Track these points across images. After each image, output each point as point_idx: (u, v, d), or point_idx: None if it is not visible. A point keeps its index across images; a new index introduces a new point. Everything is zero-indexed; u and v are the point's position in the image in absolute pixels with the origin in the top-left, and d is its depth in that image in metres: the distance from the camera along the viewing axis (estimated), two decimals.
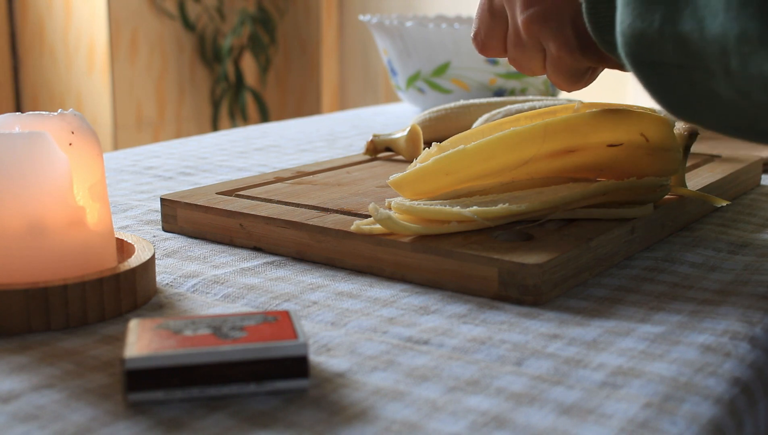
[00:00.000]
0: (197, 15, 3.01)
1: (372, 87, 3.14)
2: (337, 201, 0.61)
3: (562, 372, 0.39)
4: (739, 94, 0.39)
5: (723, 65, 0.38)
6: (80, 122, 0.47)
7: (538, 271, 0.47)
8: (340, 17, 3.19)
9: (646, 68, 0.43)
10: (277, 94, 3.32)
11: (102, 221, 0.47)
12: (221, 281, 0.51)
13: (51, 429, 0.34)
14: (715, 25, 0.37)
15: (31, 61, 2.99)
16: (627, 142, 0.56)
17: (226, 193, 0.63)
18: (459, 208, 0.51)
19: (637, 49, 0.42)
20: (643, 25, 0.41)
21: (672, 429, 0.34)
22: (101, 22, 2.77)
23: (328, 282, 0.51)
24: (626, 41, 0.42)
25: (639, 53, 0.42)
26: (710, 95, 0.41)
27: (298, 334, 0.38)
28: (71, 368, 0.40)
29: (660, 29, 0.40)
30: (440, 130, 0.88)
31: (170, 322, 0.39)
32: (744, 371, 0.40)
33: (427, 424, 0.35)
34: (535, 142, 0.54)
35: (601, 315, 0.46)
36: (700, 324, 0.45)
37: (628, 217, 0.55)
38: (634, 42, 0.42)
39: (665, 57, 0.41)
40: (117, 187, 0.77)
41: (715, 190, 0.67)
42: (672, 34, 0.40)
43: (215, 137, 1.07)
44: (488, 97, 1.19)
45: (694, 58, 0.40)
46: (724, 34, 0.37)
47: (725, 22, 0.36)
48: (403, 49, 1.22)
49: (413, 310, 0.47)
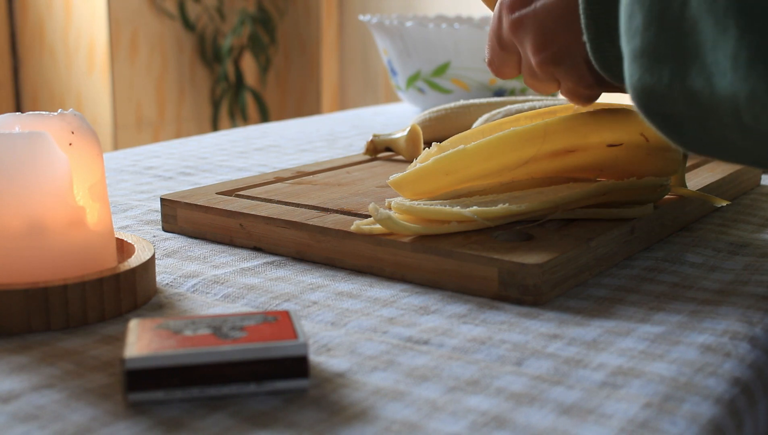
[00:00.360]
0: (197, 15, 3.01)
1: (372, 87, 3.14)
2: (337, 201, 0.61)
3: (562, 372, 0.39)
4: (755, 144, 0.39)
5: (736, 120, 0.37)
6: (80, 122, 0.47)
7: (538, 271, 0.47)
8: (340, 17, 3.19)
9: (658, 118, 0.42)
10: (277, 94, 3.32)
11: (102, 221, 0.47)
12: (221, 281, 0.51)
13: (51, 429, 0.34)
14: (724, 84, 0.37)
15: (31, 61, 2.99)
16: (627, 142, 0.56)
17: (226, 193, 0.63)
18: (459, 208, 0.51)
19: (648, 103, 0.41)
20: (652, 80, 0.40)
21: (672, 429, 0.34)
22: (101, 22, 2.77)
23: (328, 282, 0.51)
24: (636, 94, 0.42)
25: (650, 106, 0.42)
26: (725, 141, 0.40)
27: (298, 334, 0.38)
28: (71, 368, 0.40)
29: (669, 85, 0.39)
30: (440, 130, 0.88)
31: (170, 322, 0.39)
32: (744, 371, 0.40)
33: (427, 424, 0.35)
34: (535, 142, 0.54)
35: (601, 315, 0.46)
36: (700, 324, 0.45)
37: (628, 217, 0.55)
38: (645, 96, 0.41)
39: (677, 110, 0.40)
40: (117, 187, 0.77)
41: (715, 190, 0.67)
42: (682, 90, 0.39)
43: (215, 137, 1.07)
44: (488, 97, 1.19)
45: (706, 112, 0.39)
46: (734, 93, 0.36)
47: (734, 81, 0.36)
48: (403, 49, 1.22)
49: (413, 310, 0.47)
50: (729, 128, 0.39)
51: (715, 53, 0.36)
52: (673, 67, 0.39)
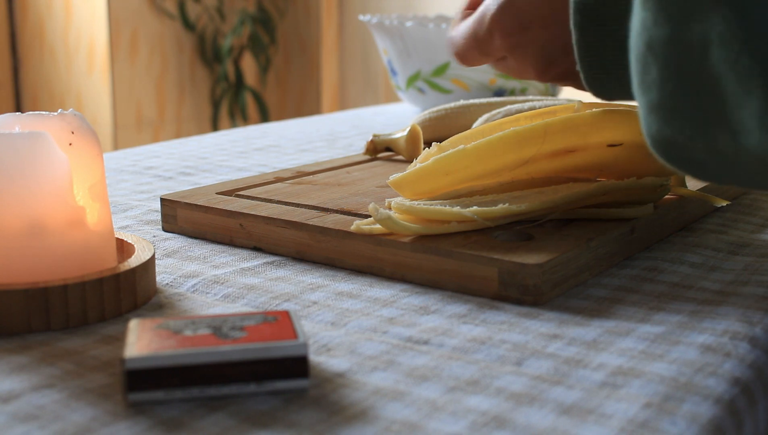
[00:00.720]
0: (197, 15, 3.01)
1: (372, 87, 3.14)
2: (337, 201, 0.61)
3: (562, 372, 0.39)
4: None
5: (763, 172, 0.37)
6: (80, 122, 0.47)
7: (538, 271, 0.47)
8: (340, 17, 3.19)
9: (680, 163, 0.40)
10: (277, 94, 3.32)
11: (102, 221, 0.47)
12: (221, 281, 0.51)
13: (51, 429, 0.34)
14: (752, 142, 0.35)
15: (31, 61, 2.99)
16: (627, 142, 0.56)
17: (226, 193, 0.63)
18: (459, 208, 0.51)
19: (669, 151, 0.40)
20: (672, 133, 0.38)
21: (672, 429, 0.34)
22: (101, 22, 2.77)
23: (328, 282, 0.51)
24: (656, 144, 0.40)
25: (671, 154, 0.40)
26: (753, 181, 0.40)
27: (298, 334, 0.38)
28: (71, 368, 0.40)
29: (691, 138, 0.38)
30: (440, 130, 0.88)
31: (170, 322, 0.39)
32: (744, 371, 0.40)
33: (427, 424, 0.35)
34: (535, 142, 0.54)
35: (601, 315, 0.46)
36: (700, 324, 0.45)
37: (628, 217, 0.55)
38: (665, 146, 0.40)
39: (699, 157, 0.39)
40: (117, 187, 0.77)
41: (715, 190, 0.67)
42: (705, 144, 0.37)
43: (215, 137, 1.07)
44: (488, 97, 1.19)
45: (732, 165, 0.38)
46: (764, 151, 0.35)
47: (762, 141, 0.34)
48: (403, 49, 1.22)
49: (413, 310, 0.47)
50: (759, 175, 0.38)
51: (740, 112, 0.35)
52: (694, 122, 0.37)
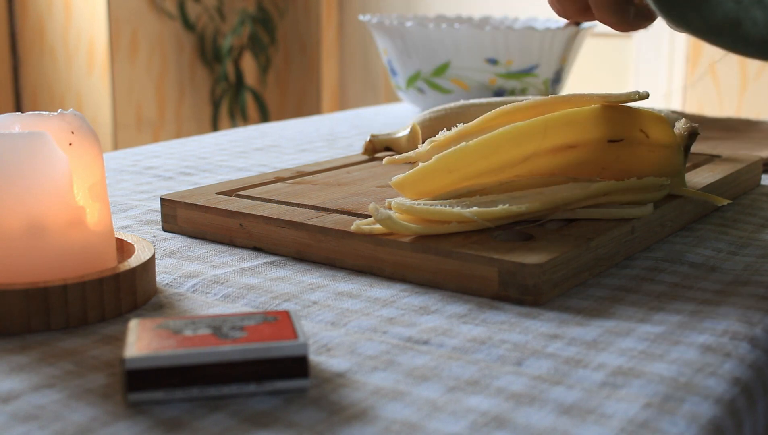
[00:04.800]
0: (197, 15, 3.01)
1: (372, 87, 3.14)
2: (337, 201, 0.61)
3: (562, 372, 0.39)
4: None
5: None
6: (80, 122, 0.47)
7: (538, 271, 0.47)
8: (340, 17, 3.19)
9: None
10: (277, 94, 3.32)
11: (102, 221, 0.47)
12: (221, 281, 0.51)
13: (51, 429, 0.34)
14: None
15: (31, 61, 2.99)
16: (627, 138, 0.56)
17: (226, 193, 0.63)
18: (459, 209, 0.51)
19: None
20: None
21: (672, 429, 0.34)
22: (101, 22, 2.77)
23: (328, 282, 0.51)
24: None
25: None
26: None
27: (298, 334, 0.38)
28: (71, 368, 0.40)
29: None
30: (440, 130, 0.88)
31: (170, 322, 0.39)
32: (744, 371, 0.40)
33: (427, 424, 0.35)
34: (535, 137, 0.54)
35: (601, 315, 0.46)
36: (700, 324, 0.45)
37: (628, 217, 0.55)
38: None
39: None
40: (117, 187, 0.77)
41: (715, 190, 0.67)
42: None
43: (215, 137, 1.07)
44: (488, 97, 1.19)
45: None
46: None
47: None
48: (403, 49, 1.22)
49: (413, 310, 0.47)
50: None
51: None
52: None
